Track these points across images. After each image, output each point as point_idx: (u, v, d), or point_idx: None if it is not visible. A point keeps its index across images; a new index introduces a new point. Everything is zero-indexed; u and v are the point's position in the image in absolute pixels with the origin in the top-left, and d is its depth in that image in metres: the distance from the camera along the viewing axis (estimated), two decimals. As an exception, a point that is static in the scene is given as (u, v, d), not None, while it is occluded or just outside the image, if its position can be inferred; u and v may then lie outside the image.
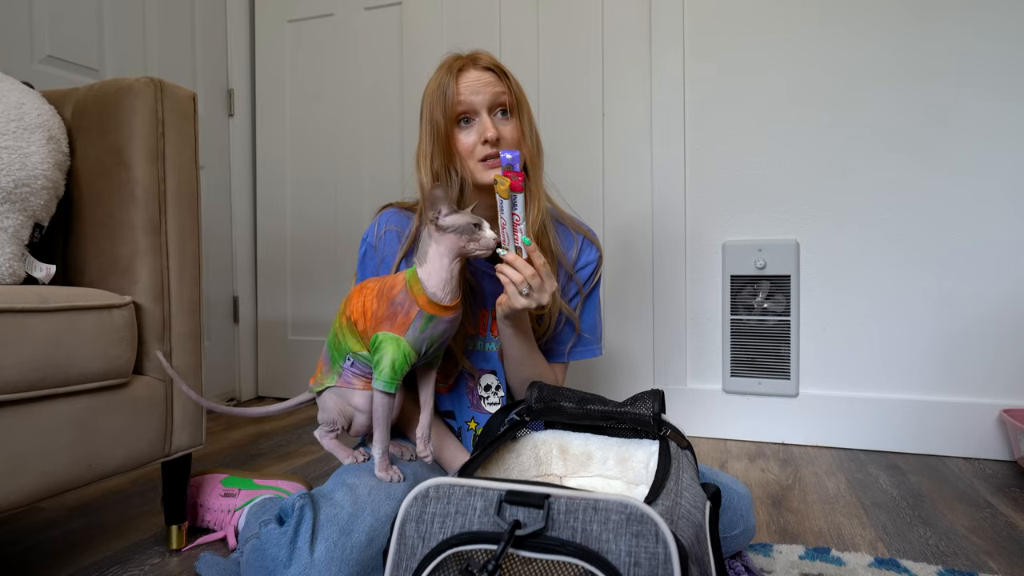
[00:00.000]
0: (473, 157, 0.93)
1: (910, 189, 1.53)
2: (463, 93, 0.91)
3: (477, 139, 0.92)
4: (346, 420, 0.89)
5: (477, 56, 0.95)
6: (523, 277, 0.84)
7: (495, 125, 0.92)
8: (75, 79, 1.62)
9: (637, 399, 0.74)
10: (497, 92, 0.92)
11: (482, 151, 0.92)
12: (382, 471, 0.84)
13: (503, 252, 0.87)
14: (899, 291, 1.54)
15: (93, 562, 0.97)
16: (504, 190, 0.84)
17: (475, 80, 0.92)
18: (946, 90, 1.49)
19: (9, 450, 0.75)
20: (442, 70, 0.94)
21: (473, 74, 0.93)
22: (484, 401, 1.00)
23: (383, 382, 0.80)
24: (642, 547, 0.46)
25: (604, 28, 1.78)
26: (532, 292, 0.84)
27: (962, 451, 1.49)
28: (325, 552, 0.72)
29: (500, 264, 0.86)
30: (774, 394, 1.63)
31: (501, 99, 0.93)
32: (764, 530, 1.08)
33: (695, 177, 1.70)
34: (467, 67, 0.93)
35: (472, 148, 0.93)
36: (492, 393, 1.00)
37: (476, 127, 0.93)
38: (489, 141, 0.91)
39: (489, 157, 0.92)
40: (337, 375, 0.89)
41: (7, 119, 0.89)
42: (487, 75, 0.93)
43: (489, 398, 1.00)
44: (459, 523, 0.50)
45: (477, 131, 0.92)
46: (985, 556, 0.98)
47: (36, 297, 0.79)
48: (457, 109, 0.92)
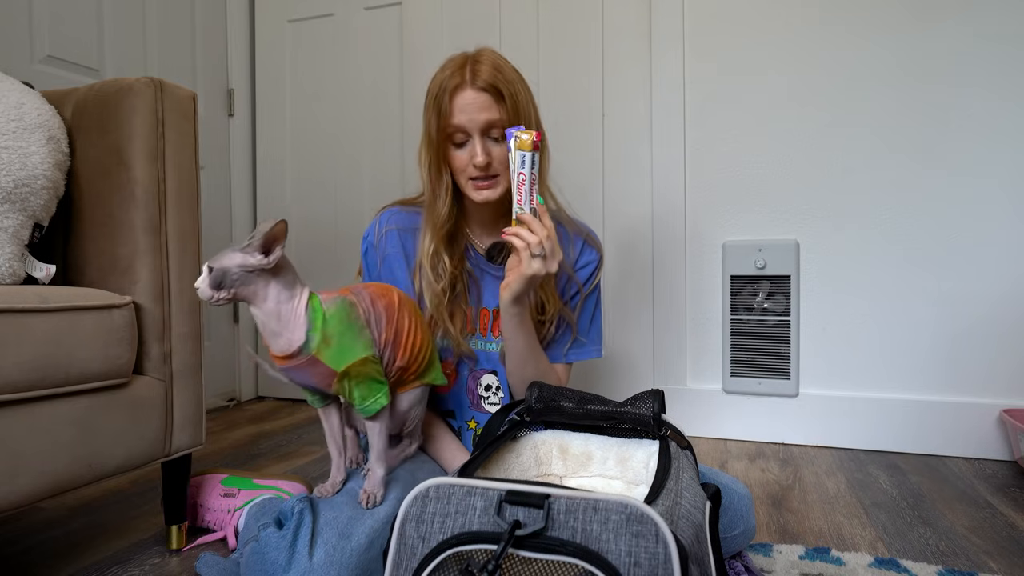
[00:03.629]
0: (464, 175, 0.94)
1: (910, 189, 1.52)
2: (455, 115, 0.90)
3: (469, 160, 0.92)
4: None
5: (477, 69, 0.91)
6: (539, 239, 0.82)
7: (486, 149, 0.91)
8: (75, 79, 1.62)
9: (637, 399, 0.74)
10: (489, 120, 0.90)
11: (472, 171, 0.92)
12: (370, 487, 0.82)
13: (519, 211, 0.84)
14: (899, 291, 1.54)
15: (93, 562, 0.97)
16: (528, 143, 0.83)
17: (470, 103, 0.90)
18: (946, 90, 1.49)
19: (9, 450, 0.75)
20: (442, 75, 0.92)
21: (469, 95, 0.90)
22: (484, 401, 1.00)
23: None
24: (642, 547, 0.46)
25: (604, 28, 1.78)
26: (546, 256, 0.83)
27: (962, 451, 1.49)
28: (324, 556, 0.72)
29: (514, 227, 0.84)
30: (774, 394, 1.63)
31: (494, 124, 0.91)
32: (764, 530, 1.08)
33: (695, 177, 1.70)
34: (463, 87, 0.90)
35: (464, 167, 0.93)
36: (492, 393, 1.00)
37: (469, 148, 0.92)
38: (477, 166, 0.91)
39: (479, 178, 0.92)
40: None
41: (7, 119, 0.89)
42: (482, 98, 0.90)
43: (489, 398, 1.00)
44: (459, 523, 0.50)
45: (469, 152, 0.92)
46: (985, 556, 0.98)
47: (36, 297, 0.79)
48: (449, 131, 0.92)
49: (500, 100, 0.91)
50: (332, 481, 0.85)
